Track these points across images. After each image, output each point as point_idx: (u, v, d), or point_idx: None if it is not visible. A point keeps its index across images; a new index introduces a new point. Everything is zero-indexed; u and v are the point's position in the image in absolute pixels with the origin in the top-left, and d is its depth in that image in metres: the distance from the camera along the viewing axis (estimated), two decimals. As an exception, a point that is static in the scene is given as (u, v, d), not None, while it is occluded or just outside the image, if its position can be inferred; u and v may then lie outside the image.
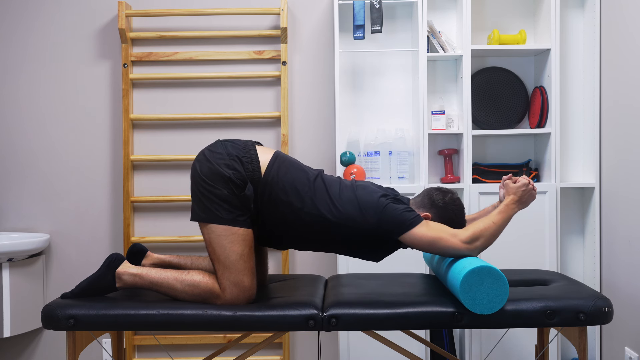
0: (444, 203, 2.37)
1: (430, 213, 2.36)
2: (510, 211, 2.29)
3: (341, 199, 2.30)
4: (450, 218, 2.36)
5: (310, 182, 2.31)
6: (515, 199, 2.31)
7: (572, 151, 3.39)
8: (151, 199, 3.42)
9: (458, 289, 2.11)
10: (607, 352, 3.16)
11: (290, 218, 2.29)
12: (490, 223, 2.24)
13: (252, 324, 2.16)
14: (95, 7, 3.47)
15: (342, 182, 2.39)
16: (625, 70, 2.96)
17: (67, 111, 3.48)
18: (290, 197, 2.27)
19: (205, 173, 2.26)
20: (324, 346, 3.40)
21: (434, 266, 2.56)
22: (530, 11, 3.44)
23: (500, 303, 2.10)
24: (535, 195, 2.35)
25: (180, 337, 3.40)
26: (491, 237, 2.23)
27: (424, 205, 2.39)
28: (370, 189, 2.36)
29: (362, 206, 2.28)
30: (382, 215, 2.26)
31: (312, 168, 2.41)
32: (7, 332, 3.16)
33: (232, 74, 3.43)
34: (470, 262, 2.14)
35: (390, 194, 2.36)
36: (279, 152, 2.38)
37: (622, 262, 2.99)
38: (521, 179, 2.34)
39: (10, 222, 3.47)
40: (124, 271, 2.30)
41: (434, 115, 3.30)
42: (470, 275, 2.08)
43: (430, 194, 2.41)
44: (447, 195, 2.39)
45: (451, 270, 2.24)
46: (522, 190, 2.32)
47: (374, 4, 3.19)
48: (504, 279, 2.09)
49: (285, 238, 2.38)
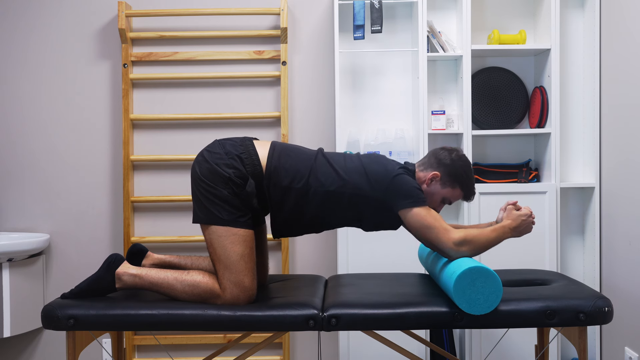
0: (451, 160, 2.36)
1: (438, 172, 2.35)
2: (504, 234, 2.27)
3: (347, 167, 2.31)
4: (459, 174, 2.36)
5: (311, 162, 2.32)
6: (513, 225, 2.29)
7: (572, 151, 3.39)
8: (151, 199, 3.42)
9: (452, 292, 2.11)
10: (607, 352, 3.16)
11: (301, 202, 2.29)
12: (484, 235, 2.24)
13: (252, 324, 2.16)
14: (95, 7, 3.47)
15: (348, 155, 2.40)
16: (625, 70, 2.96)
17: (67, 111, 3.48)
18: (295, 183, 2.28)
19: (205, 174, 2.27)
20: (324, 346, 3.40)
21: (428, 266, 2.57)
22: (530, 11, 3.44)
23: (496, 301, 2.10)
24: (532, 228, 2.32)
25: (180, 337, 3.40)
26: (479, 248, 2.23)
27: (431, 164, 2.38)
28: (379, 157, 2.36)
29: (369, 174, 2.29)
30: (390, 184, 2.26)
31: (311, 149, 2.42)
32: (7, 332, 3.16)
33: (232, 74, 3.43)
34: (460, 264, 2.15)
35: (402, 165, 2.35)
36: (275, 142, 2.39)
37: (622, 262, 2.99)
38: (524, 209, 2.32)
39: (11, 222, 3.47)
40: (123, 272, 2.30)
41: (434, 115, 3.30)
42: (462, 277, 2.08)
43: (436, 154, 2.40)
44: (453, 153, 2.39)
45: (444, 273, 2.24)
46: (522, 219, 2.29)
47: (374, 4, 3.19)
48: (496, 277, 2.09)
49: (301, 224, 2.36)
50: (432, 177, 2.35)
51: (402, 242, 2.98)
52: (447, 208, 3.37)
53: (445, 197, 2.39)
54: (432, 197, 2.38)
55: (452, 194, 2.38)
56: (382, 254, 3.11)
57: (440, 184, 2.37)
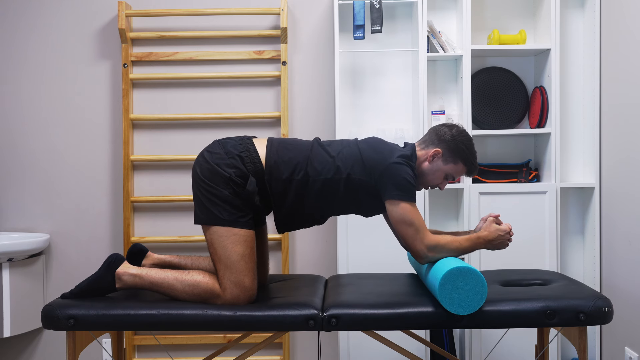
0: (451, 136, 2.36)
1: (439, 148, 2.35)
2: (477, 244, 2.28)
3: (343, 154, 2.32)
4: (460, 149, 2.35)
5: (308, 152, 2.33)
6: (488, 238, 2.30)
7: (572, 151, 3.39)
8: (151, 199, 3.41)
9: (440, 301, 2.12)
10: (607, 352, 3.16)
11: (302, 193, 2.30)
12: (456, 243, 2.25)
13: (252, 324, 2.16)
14: (95, 7, 3.47)
15: (346, 141, 2.41)
16: (626, 70, 2.96)
17: (67, 111, 3.48)
18: (295, 174, 2.29)
19: (206, 175, 2.27)
20: (324, 346, 3.40)
21: (416, 268, 2.58)
22: (530, 11, 3.44)
23: (482, 297, 2.10)
24: (507, 245, 2.33)
25: (180, 337, 3.40)
26: (447, 254, 2.25)
27: (432, 141, 2.38)
28: (378, 143, 2.36)
29: (365, 161, 2.30)
30: (385, 170, 2.26)
31: (308, 140, 2.43)
32: (7, 332, 3.16)
33: (232, 74, 3.43)
34: (436, 272, 2.16)
35: (404, 153, 2.32)
36: (272, 137, 2.41)
37: (622, 262, 2.99)
38: (505, 225, 2.33)
39: (11, 222, 3.47)
40: (123, 272, 2.30)
41: (434, 115, 3.30)
42: (442, 287, 2.10)
43: (437, 130, 2.40)
44: (453, 129, 2.39)
45: (428, 283, 2.27)
46: (499, 234, 2.30)
47: (374, 4, 3.19)
48: (474, 271, 2.09)
49: (304, 215, 2.37)
50: (434, 154, 2.36)
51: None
52: (448, 207, 3.37)
53: (448, 174, 2.39)
54: (435, 174, 2.39)
55: (455, 169, 2.38)
56: (382, 253, 3.11)
57: (442, 161, 2.37)
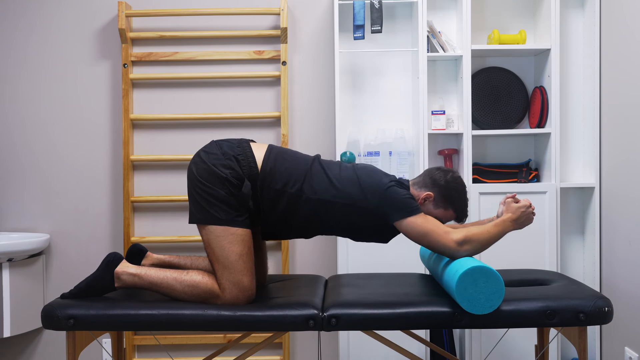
0: (445, 181, 2.36)
1: (432, 192, 2.35)
2: (505, 227, 2.27)
3: (341, 177, 2.31)
4: (452, 196, 2.36)
5: (307, 168, 2.32)
6: (513, 218, 2.29)
7: (572, 151, 3.39)
8: (151, 199, 3.42)
9: (454, 292, 2.11)
10: (607, 352, 3.16)
11: (292, 207, 2.29)
12: (485, 231, 2.24)
13: (252, 324, 2.16)
14: (95, 7, 3.47)
15: (343, 164, 2.40)
16: (626, 70, 2.96)
17: (67, 111, 3.48)
18: (289, 187, 2.28)
19: (202, 174, 2.27)
20: (324, 346, 3.40)
21: (430, 266, 2.56)
22: (530, 11, 3.44)
23: (498, 300, 2.10)
24: (532, 219, 2.32)
25: (180, 337, 3.40)
26: (481, 245, 2.23)
27: (426, 184, 2.38)
28: (373, 169, 2.36)
29: (363, 185, 2.29)
30: (384, 196, 2.26)
31: (308, 155, 2.42)
32: (7, 332, 3.16)
33: (232, 74, 3.43)
34: (462, 263, 2.15)
35: (394, 178, 2.35)
36: (272, 145, 2.39)
37: (622, 262, 2.99)
38: (523, 200, 2.33)
39: (10, 222, 3.47)
40: (122, 271, 2.30)
41: (434, 115, 3.30)
42: (464, 277, 2.08)
43: (431, 173, 2.40)
44: (448, 174, 2.39)
45: (446, 273, 2.24)
46: (522, 211, 2.29)
47: (374, 4, 3.19)
48: (498, 276, 2.09)
49: (290, 228, 2.37)
50: (426, 197, 2.35)
51: (402, 242, 2.97)
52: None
53: (437, 218, 2.37)
54: None
55: (445, 214, 2.39)
56: (382, 253, 3.11)
57: (432, 205, 2.37)
